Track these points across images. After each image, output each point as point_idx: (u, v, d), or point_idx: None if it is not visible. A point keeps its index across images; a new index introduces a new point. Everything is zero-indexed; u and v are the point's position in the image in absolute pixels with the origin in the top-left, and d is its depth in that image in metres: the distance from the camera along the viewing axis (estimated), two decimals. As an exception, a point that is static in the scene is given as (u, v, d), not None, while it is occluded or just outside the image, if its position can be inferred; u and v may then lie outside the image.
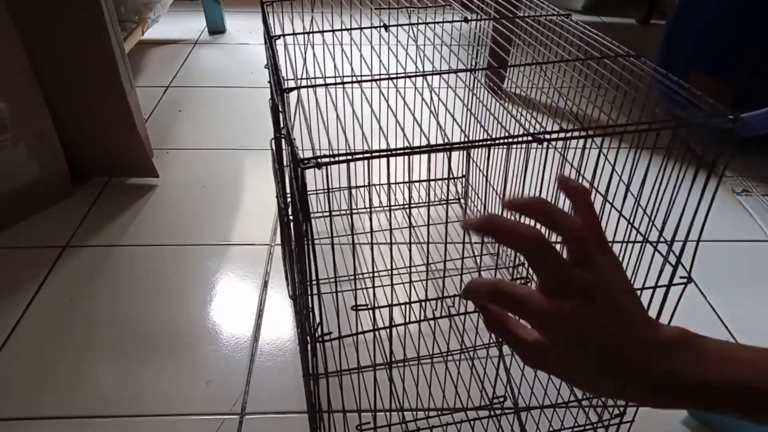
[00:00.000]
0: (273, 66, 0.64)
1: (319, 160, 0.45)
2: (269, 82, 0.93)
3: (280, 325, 0.92)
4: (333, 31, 0.71)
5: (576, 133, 0.50)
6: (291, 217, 0.67)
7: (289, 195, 0.67)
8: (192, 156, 1.34)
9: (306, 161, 0.45)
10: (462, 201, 1.17)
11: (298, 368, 0.84)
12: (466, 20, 0.76)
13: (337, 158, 0.45)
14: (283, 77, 0.59)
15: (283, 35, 0.69)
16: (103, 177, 1.24)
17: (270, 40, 0.68)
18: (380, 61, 0.70)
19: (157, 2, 1.72)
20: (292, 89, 0.55)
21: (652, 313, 0.63)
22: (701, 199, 0.55)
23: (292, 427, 0.77)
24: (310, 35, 0.70)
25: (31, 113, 1.06)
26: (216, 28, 2.03)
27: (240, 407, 0.79)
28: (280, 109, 0.60)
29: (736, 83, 1.41)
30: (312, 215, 0.78)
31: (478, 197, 1.11)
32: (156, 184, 1.23)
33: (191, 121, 1.48)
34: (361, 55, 0.72)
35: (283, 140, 0.61)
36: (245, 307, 0.95)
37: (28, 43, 1.02)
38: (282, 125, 0.61)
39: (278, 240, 1.09)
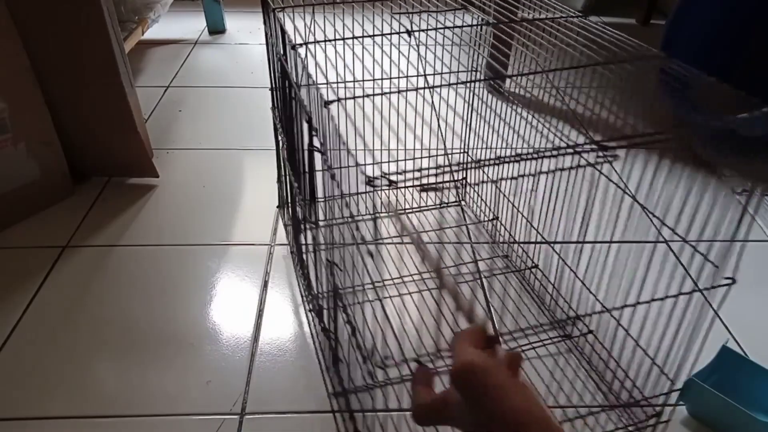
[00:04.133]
0: (304, 76, 0.61)
1: (389, 176, 0.42)
2: (272, 89, 0.92)
3: (280, 325, 0.92)
4: (355, 38, 0.68)
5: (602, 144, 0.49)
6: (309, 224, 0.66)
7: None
8: (192, 156, 1.34)
9: (373, 179, 0.42)
10: (462, 204, 1.17)
11: (299, 368, 0.84)
12: (487, 23, 0.76)
13: (405, 175, 0.42)
14: (318, 87, 0.57)
15: (305, 44, 0.65)
16: (103, 177, 1.24)
17: (293, 49, 0.64)
18: (416, 68, 0.68)
19: (157, 2, 1.72)
20: (332, 102, 0.53)
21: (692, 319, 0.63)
22: (747, 203, 0.55)
23: (292, 427, 0.77)
24: (321, 38, 0.68)
25: (31, 113, 1.06)
26: (216, 28, 2.03)
27: (240, 407, 0.79)
28: (313, 122, 0.58)
29: (736, 83, 1.41)
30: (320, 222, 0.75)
31: (482, 199, 1.11)
32: (156, 184, 1.23)
33: (191, 121, 1.48)
34: (391, 61, 0.69)
35: (316, 153, 0.59)
36: (245, 307, 0.95)
37: (28, 43, 1.02)
38: (311, 135, 0.59)
39: (278, 240, 1.09)
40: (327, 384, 0.81)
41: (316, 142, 0.60)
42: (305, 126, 0.62)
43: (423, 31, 0.72)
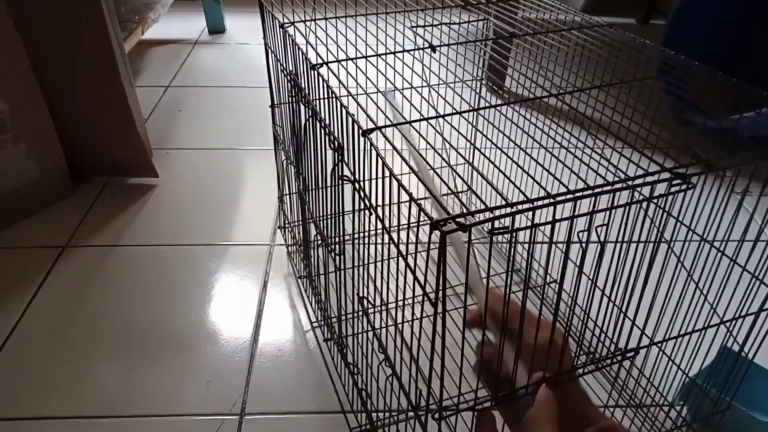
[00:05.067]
0: (339, 105, 0.57)
1: (464, 219, 0.37)
2: (272, 106, 0.90)
3: (280, 325, 0.92)
4: (378, 55, 0.65)
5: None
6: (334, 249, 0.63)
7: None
8: (192, 156, 1.34)
9: (443, 222, 0.36)
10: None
11: (298, 368, 0.84)
12: (514, 35, 0.74)
13: (482, 215, 0.37)
14: (352, 115, 0.53)
15: (326, 63, 0.62)
16: (103, 177, 1.24)
17: (312, 69, 0.61)
18: (445, 82, 0.64)
19: (157, 2, 1.72)
20: (372, 130, 0.49)
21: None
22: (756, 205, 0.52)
23: (292, 428, 0.77)
24: (339, 54, 0.64)
25: (31, 113, 1.06)
26: (216, 28, 2.03)
27: (240, 407, 0.79)
28: (343, 153, 0.55)
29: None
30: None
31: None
32: (156, 184, 1.23)
33: (191, 121, 1.48)
34: (421, 79, 0.66)
35: (351, 184, 0.56)
36: (245, 307, 0.95)
37: (28, 43, 1.02)
38: (342, 164, 0.56)
39: (278, 240, 1.08)
40: (349, 421, 0.77)
41: (347, 171, 0.57)
42: (331, 153, 0.58)
43: (447, 45, 0.69)
